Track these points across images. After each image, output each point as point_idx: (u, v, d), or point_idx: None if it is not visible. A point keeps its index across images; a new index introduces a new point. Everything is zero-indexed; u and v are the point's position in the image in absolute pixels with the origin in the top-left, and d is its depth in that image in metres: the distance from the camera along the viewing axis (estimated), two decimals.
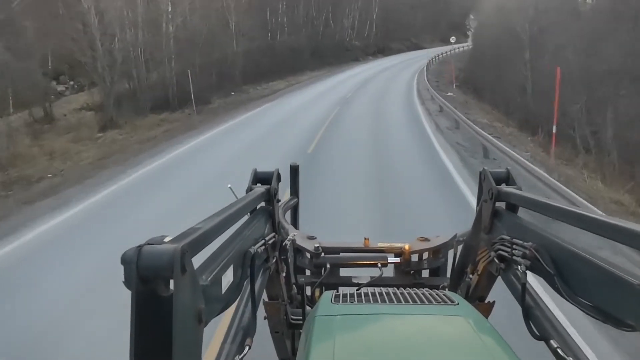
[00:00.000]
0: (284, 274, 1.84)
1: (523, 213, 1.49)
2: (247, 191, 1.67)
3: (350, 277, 2.06)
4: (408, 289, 1.39)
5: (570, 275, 1.10)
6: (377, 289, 1.38)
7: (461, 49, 52.46)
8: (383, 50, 58.78)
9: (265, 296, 1.78)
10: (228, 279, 1.12)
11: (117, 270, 0.81)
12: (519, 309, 1.31)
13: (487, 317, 1.45)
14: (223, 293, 1.08)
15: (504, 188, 1.52)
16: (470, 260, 1.73)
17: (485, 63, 32.86)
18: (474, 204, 2.80)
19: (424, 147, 12.95)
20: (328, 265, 2.01)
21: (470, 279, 1.70)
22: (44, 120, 20.30)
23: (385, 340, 1.08)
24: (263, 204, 1.68)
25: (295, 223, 2.48)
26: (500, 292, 1.59)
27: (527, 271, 1.23)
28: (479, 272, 1.62)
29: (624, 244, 0.98)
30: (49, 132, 18.43)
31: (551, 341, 1.20)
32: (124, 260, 0.78)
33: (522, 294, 1.27)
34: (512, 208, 1.51)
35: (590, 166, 14.05)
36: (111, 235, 6.66)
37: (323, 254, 2.02)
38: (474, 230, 1.71)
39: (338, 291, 1.41)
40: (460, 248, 1.90)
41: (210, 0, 28.34)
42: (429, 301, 1.27)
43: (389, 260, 2.02)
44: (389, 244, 2.07)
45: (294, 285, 2.02)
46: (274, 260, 1.61)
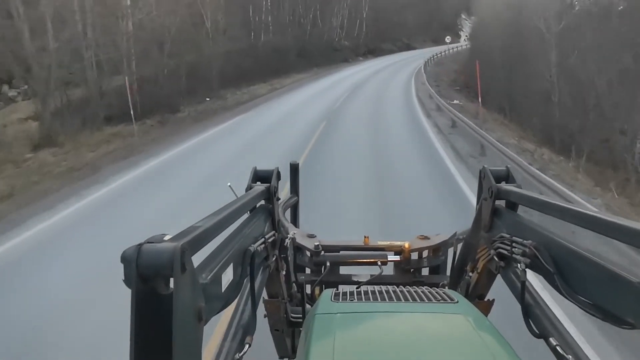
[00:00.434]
0: (284, 272, 1.83)
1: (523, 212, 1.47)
2: (247, 189, 1.66)
3: (350, 275, 2.07)
4: (408, 287, 1.40)
5: (570, 273, 1.10)
6: (377, 287, 1.37)
7: (455, 50, 50.12)
8: (374, 51, 56.28)
9: (265, 294, 1.78)
10: (228, 277, 1.12)
11: None
12: (519, 307, 1.31)
13: (487, 315, 1.48)
14: (223, 291, 1.08)
15: (504, 186, 1.51)
16: (470, 259, 1.73)
17: (491, 65, 29.15)
18: None
19: (450, 192, 8.82)
20: (328, 264, 2.03)
21: (470, 277, 1.70)
22: None
23: (385, 338, 1.09)
24: (263, 202, 1.67)
25: (295, 221, 2.48)
26: (500, 291, 1.57)
27: (527, 269, 1.24)
28: (479, 270, 1.62)
29: (624, 243, 0.97)
30: None
31: (550, 339, 1.20)
32: (124, 259, 0.77)
33: (522, 292, 1.28)
34: (512, 206, 1.51)
35: None
36: None
37: (323, 252, 2.03)
38: (474, 229, 1.71)
39: (338, 289, 1.41)
40: (460, 246, 1.91)
41: None
42: (429, 299, 1.27)
43: (388, 259, 2.04)
44: (388, 242, 2.09)
45: (294, 284, 2.01)
46: (274, 258, 1.61)
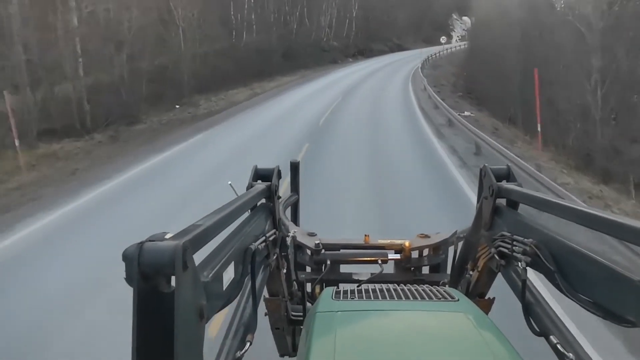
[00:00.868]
0: (285, 271, 1.82)
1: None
2: (248, 188, 1.65)
3: (350, 274, 2.07)
4: (408, 285, 1.39)
5: (571, 271, 1.10)
6: (378, 286, 1.37)
7: (449, 51, 47.63)
8: (364, 52, 53.42)
9: (266, 293, 1.77)
10: (229, 275, 1.12)
11: None
12: (519, 305, 1.31)
13: (487, 313, 1.49)
14: (224, 289, 1.09)
15: (505, 185, 1.51)
16: (471, 257, 1.73)
17: (498, 69, 25.93)
18: None
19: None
20: (328, 262, 2.04)
21: (471, 275, 1.69)
22: None
23: (386, 337, 1.09)
24: (264, 200, 1.66)
25: (295, 220, 2.49)
26: (500, 289, 1.57)
27: (528, 267, 1.23)
28: (479, 269, 1.62)
29: (625, 241, 1.00)
30: None
31: (551, 337, 1.20)
32: (126, 257, 0.77)
33: (522, 291, 1.27)
34: (513, 205, 1.50)
35: None
36: None
37: (323, 251, 2.03)
38: (475, 227, 1.70)
39: (338, 287, 1.41)
40: (460, 245, 1.90)
41: None
42: (429, 297, 1.27)
43: (389, 257, 2.04)
44: (389, 241, 2.09)
45: (295, 282, 2.01)
46: (275, 256, 1.60)
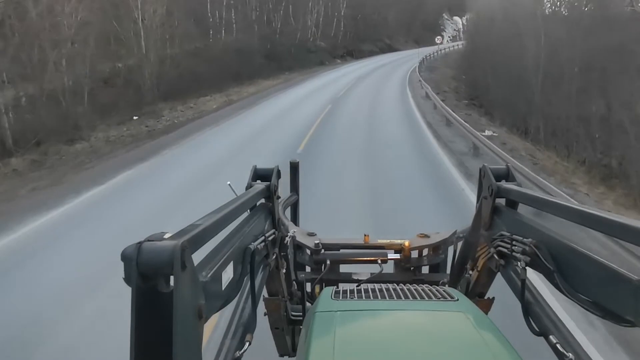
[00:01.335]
0: (284, 271, 1.80)
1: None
2: (247, 188, 1.63)
3: (350, 274, 2.05)
4: (408, 285, 1.38)
5: (570, 271, 1.09)
6: (377, 285, 1.36)
7: (443, 52, 45.18)
8: (353, 53, 50.49)
9: (265, 292, 1.75)
10: (228, 275, 1.11)
11: None
12: (519, 305, 1.29)
13: (487, 313, 1.48)
14: (223, 289, 1.07)
15: (504, 184, 1.50)
16: (470, 257, 1.71)
17: (507, 73, 22.45)
18: None
19: None
20: (328, 262, 2.02)
21: (470, 275, 1.68)
22: None
23: (385, 336, 1.08)
24: (263, 200, 1.65)
25: (295, 220, 2.47)
26: (500, 289, 1.51)
27: (527, 267, 1.22)
28: (479, 269, 1.61)
29: (625, 241, 0.96)
30: None
31: (550, 337, 1.19)
32: (124, 257, 0.77)
33: (522, 290, 1.27)
34: (512, 204, 1.49)
35: None
36: None
37: (323, 251, 2.01)
38: (474, 227, 1.69)
39: (338, 287, 1.40)
40: (460, 244, 1.89)
41: None
42: (429, 297, 1.26)
43: (388, 257, 2.02)
44: (388, 241, 2.07)
45: (294, 282, 2.00)
46: (274, 256, 1.58)
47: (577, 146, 17.13)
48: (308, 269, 2.09)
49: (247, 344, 1.28)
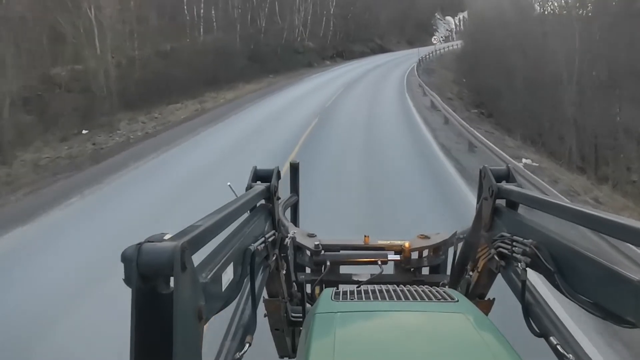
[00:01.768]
0: (284, 272, 1.81)
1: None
2: (247, 189, 1.63)
3: (350, 275, 2.04)
4: (408, 286, 1.38)
5: (571, 272, 1.09)
6: (377, 287, 1.36)
7: (439, 53, 42.90)
8: (343, 54, 47.89)
9: (265, 293, 1.74)
10: (228, 276, 1.11)
11: None
12: (519, 306, 1.28)
13: (487, 314, 1.48)
14: (223, 290, 1.07)
15: (504, 185, 1.50)
16: (471, 258, 1.71)
17: (531, 80, 18.67)
18: None
19: None
20: (328, 263, 2.01)
21: (471, 276, 1.68)
22: None
23: (386, 337, 1.08)
24: (263, 201, 1.64)
25: (295, 221, 2.47)
26: (500, 289, 1.50)
27: (527, 268, 1.22)
28: (479, 270, 1.60)
29: (626, 242, 0.96)
30: None
31: (551, 338, 1.19)
32: (124, 258, 0.77)
33: (522, 291, 1.26)
34: (513, 205, 1.49)
35: None
36: None
37: (323, 252, 2.01)
38: (474, 228, 1.69)
39: (338, 288, 1.40)
40: (460, 245, 1.88)
41: None
42: (429, 298, 1.26)
43: (389, 258, 2.02)
44: (388, 242, 2.07)
45: (294, 283, 2.00)
46: (274, 257, 1.58)
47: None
48: (308, 270, 2.09)
49: (247, 345, 1.28)
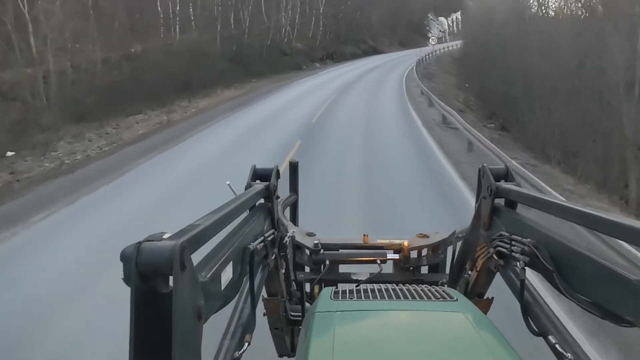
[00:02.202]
0: (283, 271, 1.80)
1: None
2: (247, 188, 1.63)
3: (349, 274, 2.04)
4: (407, 285, 1.38)
5: (569, 271, 1.09)
6: (376, 286, 1.36)
7: (435, 54, 40.35)
8: (334, 55, 45.10)
9: (264, 293, 1.75)
10: (227, 275, 1.11)
11: None
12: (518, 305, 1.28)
13: (486, 313, 1.47)
14: (222, 289, 1.07)
15: (503, 185, 1.50)
16: (470, 257, 1.71)
17: (566, 91, 14.69)
18: None
19: None
20: (327, 262, 2.02)
21: (469, 275, 1.68)
22: None
23: (385, 336, 1.08)
24: (262, 200, 1.65)
25: (294, 220, 2.47)
26: (499, 289, 1.49)
27: (526, 267, 1.22)
28: (478, 269, 1.60)
29: (624, 241, 0.96)
30: None
31: (550, 337, 1.19)
32: (123, 257, 0.77)
33: (521, 290, 1.27)
34: (511, 204, 1.49)
35: None
36: None
37: (322, 251, 2.01)
38: (473, 227, 1.69)
39: (337, 288, 1.39)
40: (459, 244, 1.89)
41: None
42: (428, 297, 1.26)
43: (388, 257, 2.02)
44: (388, 241, 2.07)
45: (293, 282, 1.99)
46: (273, 256, 1.58)
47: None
48: (307, 269, 2.09)
49: (247, 344, 1.28)
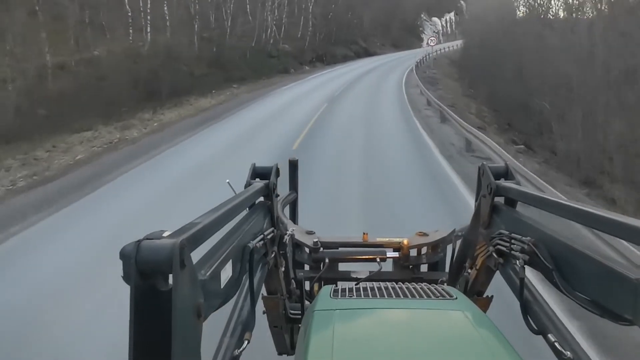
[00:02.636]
0: (283, 269, 1.81)
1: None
2: (246, 186, 1.63)
3: (349, 272, 2.04)
4: (407, 283, 1.37)
5: (569, 269, 1.09)
6: (376, 284, 1.36)
7: (432, 56, 37.70)
8: (324, 57, 42.27)
9: (264, 291, 1.75)
10: (227, 273, 1.11)
11: None
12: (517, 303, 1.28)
13: (486, 312, 1.47)
14: (222, 288, 1.07)
15: (503, 183, 1.49)
16: (469, 255, 1.71)
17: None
18: None
19: None
20: (327, 260, 2.01)
21: (469, 273, 1.68)
22: None
23: (384, 335, 1.08)
24: (262, 198, 1.64)
25: (294, 218, 2.46)
26: (499, 287, 1.49)
27: (526, 266, 1.22)
28: (478, 267, 1.60)
29: (623, 239, 0.95)
30: None
31: (549, 335, 1.19)
32: (123, 255, 0.77)
33: (520, 289, 1.27)
34: (511, 203, 1.49)
35: None
36: None
37: (322, 249, 2.01)
38: (473, 225, 1.69)
39: (337, 286, 1.40)
40: (458, 243, 1.89)
41: None
42: (428, 295, 1.26)
43: (387, 255, 2.02)
44: (387, 239, 2.07)
45: (293, 280, 1.99)
46: (273, 255, 1.58)
47: None
48: (307, 267, 2.09)
49: (246, 342, 1.28)
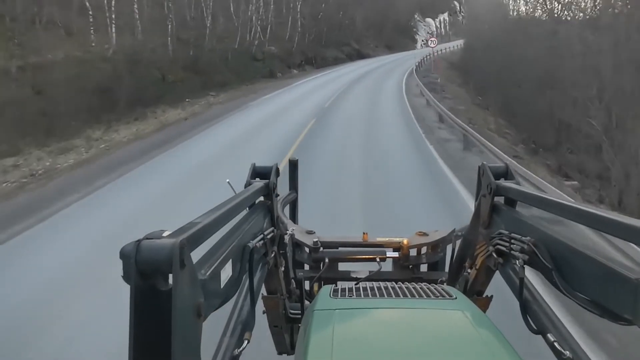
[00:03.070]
0: (283, 269, 1.81)
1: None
2: (246, 186, 1.63)
3: (348, 272, 2.05)
4: (406, 283, 1.38)
5: (568, 269, 1.09)
6: (376, 284, 1.36)
7: (430, 57, 35.17)
8: (314, 60, 39.55)
9: (264, 290, 1.75)
10: (227, 273, 1.11)
11: None
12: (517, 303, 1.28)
13: (485, 311, 1.49)
14: (222, 287, 1.08)
15: (503, 183, 1.50)
16: (469, 255, 1.72)
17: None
18: None
19: None
20: (327, 260, 2.01)
21: (469, 273, 1.68)
22: None
23: (384, 334, 1.08)
24: (262, 198, 1.65)
25: (294, 218, 2.46)
26: (499, 287, 1.50)
27: (525, 266, 1.22)
28: (477, 267, 1.61)
29: (623, 239, 0.95)
30: None
31: (548, 335, 1.19)
32: (123, 255, 0.77)
33: (520, 289, 1.27)
34: (511, 203, 1.49)
35: None
36: None
37: (322, 249, 2.01)
38: (473, 225, 1.69)
39: (337, 285, 1.40)
40: (458, 243, 1.89)
41: None
42: (427, 295, 1.26)
43: (387, 255, 2.02)
44: (387, 239, 2.08)
45: (293, 280, 2.00)
46: (273, 254, 1.59)
47: None
48: (307, 267, 2.09)
49: (246, 342, 1.28)
